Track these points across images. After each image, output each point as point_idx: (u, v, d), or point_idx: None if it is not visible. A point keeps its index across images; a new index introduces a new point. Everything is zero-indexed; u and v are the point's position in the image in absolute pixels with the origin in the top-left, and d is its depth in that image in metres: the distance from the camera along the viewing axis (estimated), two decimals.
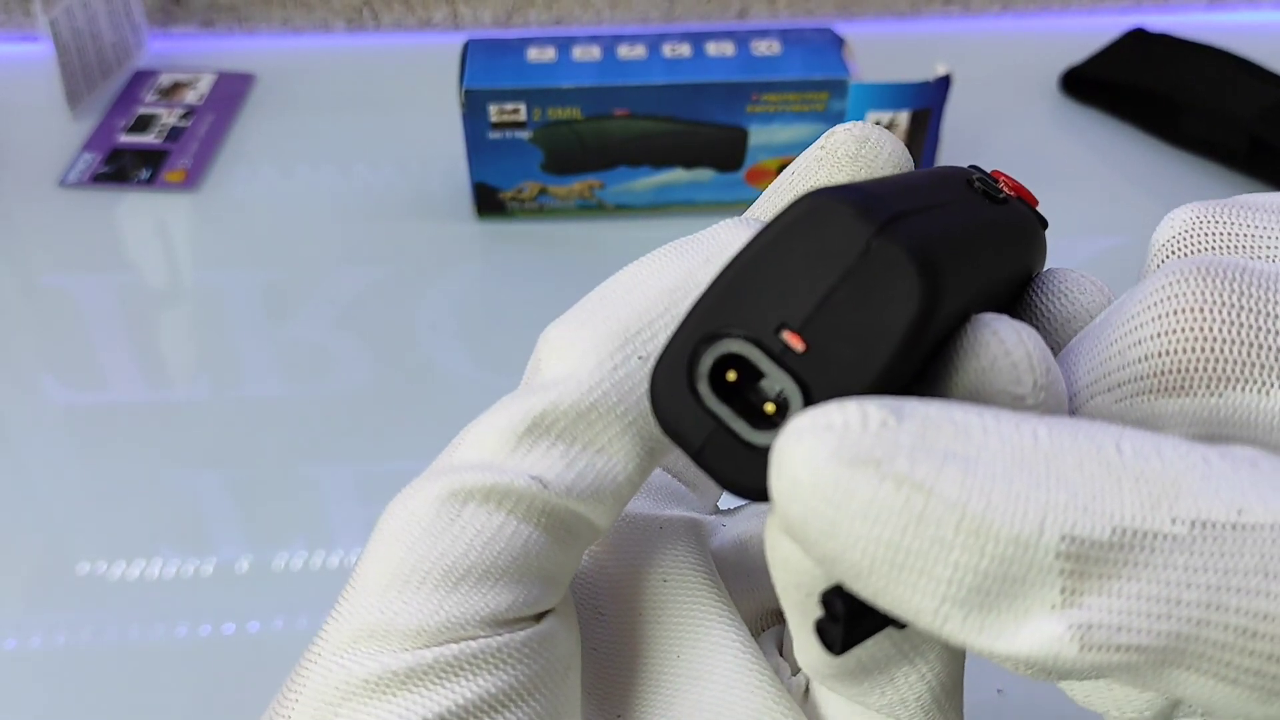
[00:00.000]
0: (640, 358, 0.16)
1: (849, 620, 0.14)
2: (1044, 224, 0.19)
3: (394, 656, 0.16)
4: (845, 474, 0.12)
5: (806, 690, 0.19)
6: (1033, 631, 0.12)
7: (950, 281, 0.14)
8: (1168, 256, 0.16)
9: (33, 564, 0.42)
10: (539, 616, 0.17)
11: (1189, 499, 0.12)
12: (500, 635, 0.16)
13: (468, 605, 0.16)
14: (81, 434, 0.47)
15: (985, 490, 0.12)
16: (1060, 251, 0.56)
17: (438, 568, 0.16)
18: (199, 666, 0.39)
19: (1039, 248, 0.19)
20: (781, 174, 0.19)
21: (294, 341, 0.51)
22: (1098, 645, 0.12)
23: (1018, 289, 0.18)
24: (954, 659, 0.17)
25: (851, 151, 0.18)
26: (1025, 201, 0.19)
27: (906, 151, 0.18)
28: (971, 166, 0.19)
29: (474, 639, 0.16)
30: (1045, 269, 0.19)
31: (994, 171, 0.18)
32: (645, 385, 0.16)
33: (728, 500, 0.23)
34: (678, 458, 0.22)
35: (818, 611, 0.14)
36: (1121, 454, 0.12)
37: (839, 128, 0.18)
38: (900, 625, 0.14)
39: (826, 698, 0.19)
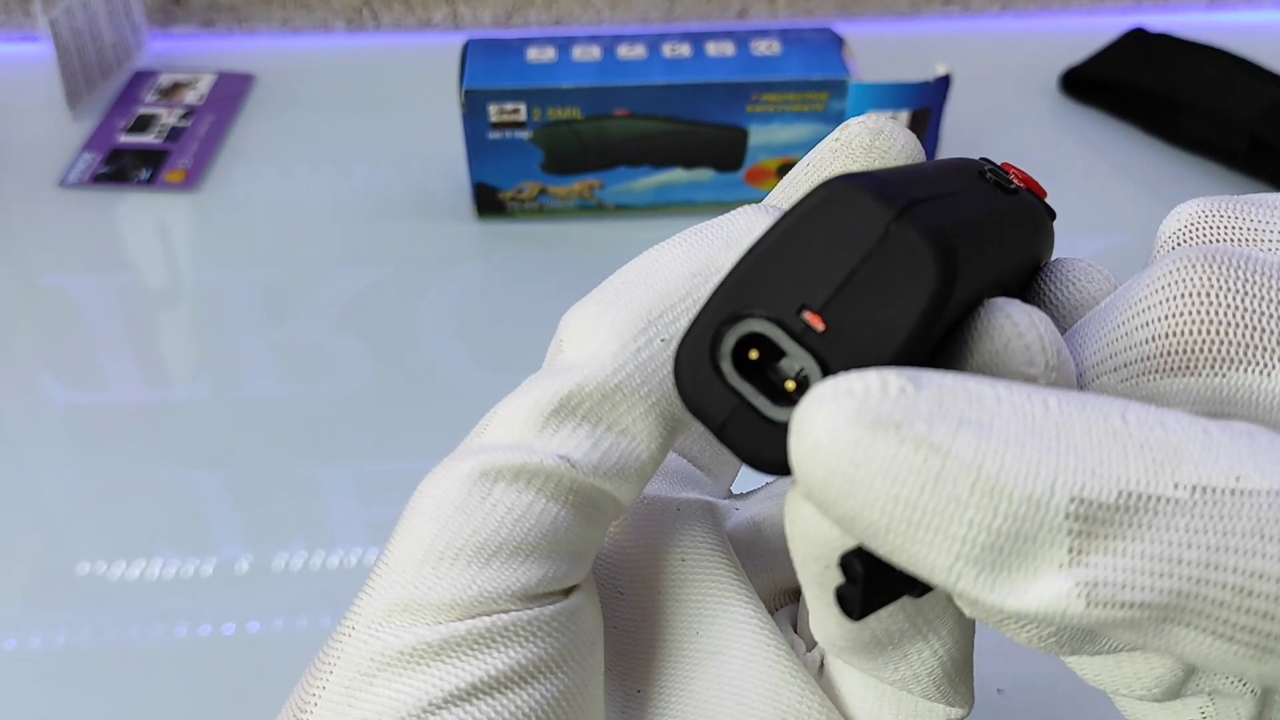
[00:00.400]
0: (663, 340, 0.17)
1: (868, 585, 0.14)
2: (1052, 215, 0.20)
3: (428, 629, 0.16)
4: (865, 435, 0.12)
5: (821, 665, 0.20)
6: (1042, 589, 0.12)
7: (965, 266, 0.15)
8: (1174, 247, 0.17)
9: (33, 564, 0.42)
10: (567, 592, 0.17)
11: (1190, 465, 0.12)
12: (531, 609, 0.17)
13: (500, 580, 0.16)
14: (81, 434, 0.47)
15: (999, 453, 0.12)
16: (1060, 251, 0.56)
17: (470, 544, 0.16)
18: (199, 667, 0.39)
19: (1047, 237, 0.19)
20: (798, 164, 0.20)
21: (294, 342, 0.51)
22: (1103, 601, 0.12)
23: (1027, 276, 0.19)
24: (965, 634, 0.18)
25: (866, 143, 0.19)
26: (1034, 193, 0.19)
27: (919, 144, 0.19)
28: (982, 159, 0.19)
29: (505, 612, 0.16)
30: (1055, 259, 0.19)
31: (1004, 164, 0.19)
32: (668, 366, 0.17)
33: (740, 485, 0.23)
34: (692, 443, 0.23)
35: (837, 579, 0.15)
36: (1127, 423, 0.13)
37: (853, 120, 0.19)
38: (916, 593, 0.15)
39: (841, 672, 0.19)
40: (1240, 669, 0.13)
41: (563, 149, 0.55)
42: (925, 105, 0.55)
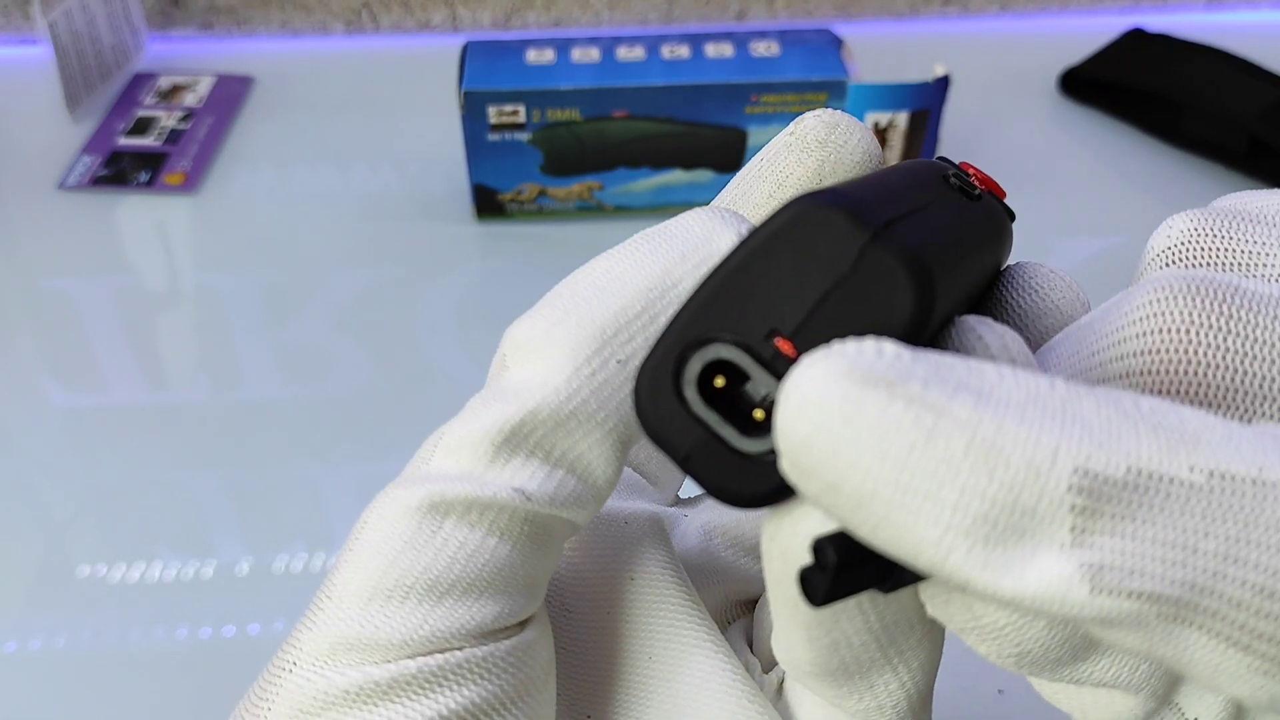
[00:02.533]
0: (619, 361, 0.16)
1: (838, 571, 0.13)
2: (1012, 216, 0.19)
3: (377, 668, 0.15)
4: (855, 391, 0.11)
5: (779, 688, 0.19)
6: (1041, 570, 0.11)
7: (940, 288, 0.14)
8: (1164, 265, 0.16)
9: (33, 566, 0.42)
10: (521, 625, 0.17)
11: (1208, 451, 0.11)
12: (485, 646, 0.16)
13: (452, 618, 0.16)
14: (81, 436, 0.47)
15: (998, 416, 0.11)
16: (1059, 251, 0.56)
17: (421, 581, 0.16)
18: (199, 669, 0.38)
19: (1008, 241, 0.19)
20: (752, 160, 0.19)
21: (293, 343, 0.51)
22: (1109, 589, 0.11)
23: (990, 282, 0.18)
24: (932, 667, 0.17)
25: (821, 137, 0.18)
26: (995, 195, 0.19)
27: (875, 140, 0.19)
28: (941, 159, 0.19)
29: (459, 649, 0.16)
30: (1014, 263, 0.19)
31: (963, 164, 0.19)
32: (625, 390, 0.16)
33: (687, 490, 0.23)
34: (638, 450, 0.22)
35: (805, 560, 0.14)
36: (1139, 408, 0.12)
37: (809, 114, 0.18)
38: (886, 587, 0.14)
39: (800, 698, 0.19)
40: (1251, 687, 0.11)
41: (562, 150, 0.55)
42: (924, 106, 0.55)
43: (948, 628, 0.15)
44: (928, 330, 0.14)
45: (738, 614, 0.21)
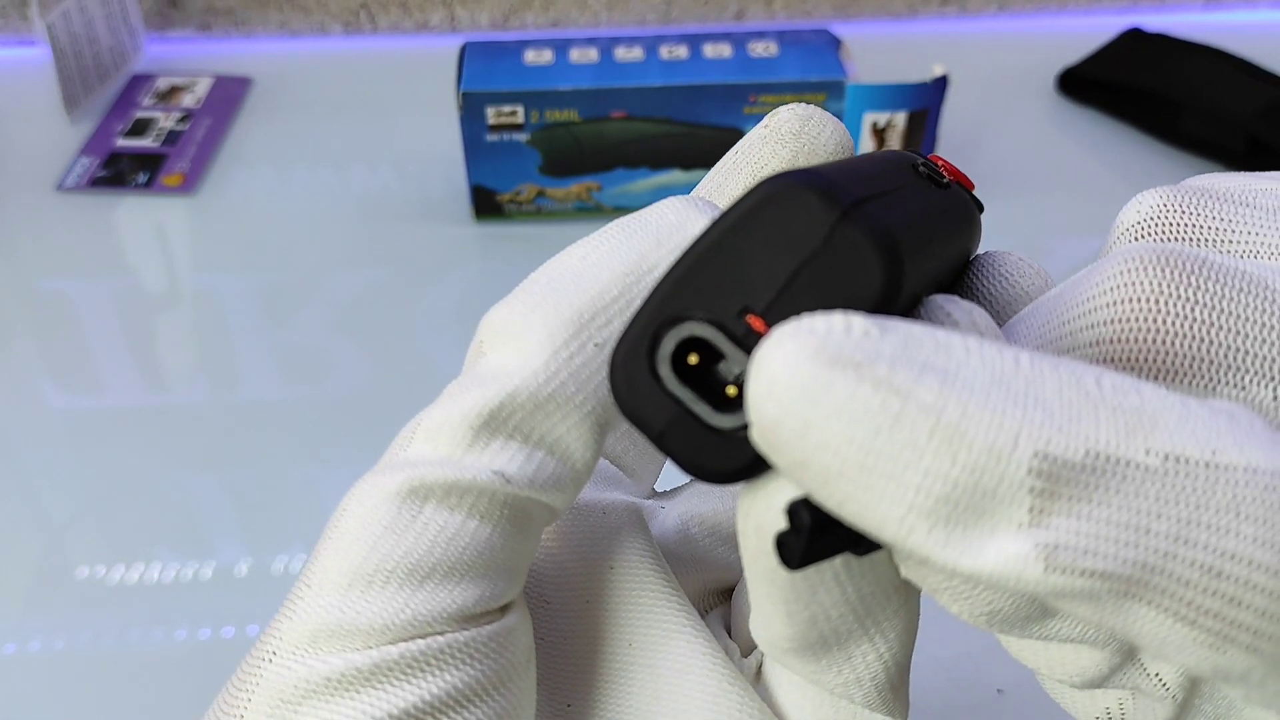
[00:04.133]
0: (596, 345, 0.16)
1: (811, 534, 0.14)
2: (980, 208, 0.19)
3: (359, 654, 0.15)
4: (824, 373, 0.12)
5: (759, 671, 0.19)
6: (999, 549, 0.12)
7: (908, 266, 0.14)
8: (1132, 240, 0.16)
9: (32, 568, 0.42)
10: (503, 610, 0.17)
11: (1164, 433, 0.12)
12: (468, 630, 0.16)
13: (434, 602, 0.16)
14: (80, 438, 0.47)
15: (962, 400, 0.12)
16: (1058, 251, 0.56)
17: (401, 566, 0.16)
18: (198, 670, 0.38)
19: (977, 231, 0.19)
20: (727, 153, 0.19)
21: (292, 344, 0.51)
22: (1063, 567, 0.12)
23: (959, 270, 0.19)
24: (909, 635, 0.17)
25: (795, 129, 0.18)
26: (964, 186, 0.19)
27: (848, 133, 0.19)
28: (912, 150, 0.19)
29: (441, 634, 0.16)
30: (983, 252, 0.19)
31: (932, 155, 0.19)
32: (601, 374, 0.16)
33: (664, 482, 0.23)
34: (615, 442, 0.22)
35: (780, 525, 0.14)
36: (1100, 387, 0.12)
37: (783, 108, 0.19)
38: (860, 550, 0.14)
39: (779, 679, 0.19)
40: (1196, 658, 0.12)
41: (560, 151, 0.55)
42: (923, 106, 0.55)
43: (922, 589, 0.16)
44: (896, 308, 0.14)
45: (715, 602, 0.21)
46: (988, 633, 0.16)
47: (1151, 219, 0.16)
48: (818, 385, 0.12)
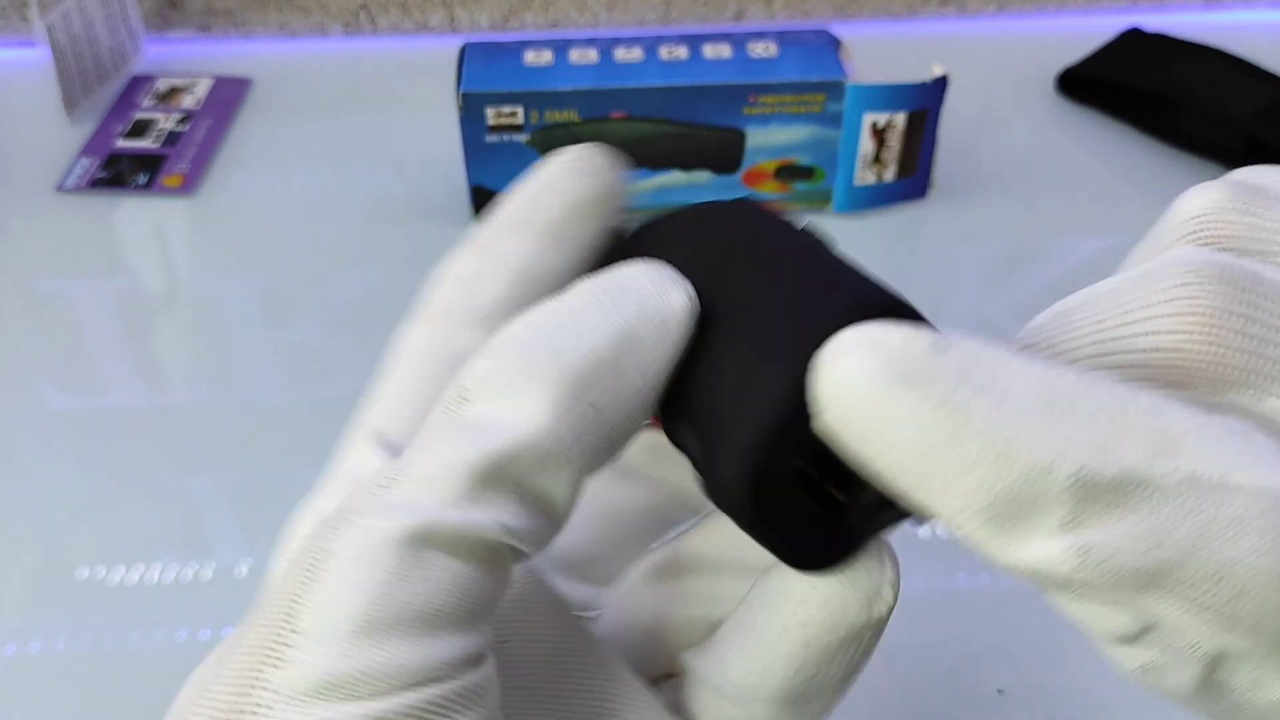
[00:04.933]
0: (595, 408, 0.16)
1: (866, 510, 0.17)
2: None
3: (375, 701, 0.15)
4: (893, 390, 0.14)
5: None
6: (1037, 547, 0.14)
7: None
8: (1186, 235, 0.17)
9: (32, 569, 0.42)
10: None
11: (1186, 455, 0.14)
12: (474, 673, 0.16)
13: (446, 649, 0.16)
14: (80, 439, 0.47)
15: (1012, 422, 0.14)
16: (1057, 251, 0.56)
17: (411, 613, 0.15)
18: None
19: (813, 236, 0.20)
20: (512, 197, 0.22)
21: (292, 345, 0.51)
22: (1092, 565, 0.14)
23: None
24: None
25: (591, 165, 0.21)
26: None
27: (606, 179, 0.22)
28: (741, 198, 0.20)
29: (452, 679, 0.16)
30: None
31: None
32: (591, 432, 0.16)
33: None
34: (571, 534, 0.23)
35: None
36: (1136, 406, 0.14)
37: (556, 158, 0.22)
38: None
39: None
40: (1205, 635, 0.14)
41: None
42: (922, 106, 0.55)
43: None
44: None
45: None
46: (987, 632, 0.17)
47: (1208, 215, 0.17)
48: (887, 399, 0.14)
